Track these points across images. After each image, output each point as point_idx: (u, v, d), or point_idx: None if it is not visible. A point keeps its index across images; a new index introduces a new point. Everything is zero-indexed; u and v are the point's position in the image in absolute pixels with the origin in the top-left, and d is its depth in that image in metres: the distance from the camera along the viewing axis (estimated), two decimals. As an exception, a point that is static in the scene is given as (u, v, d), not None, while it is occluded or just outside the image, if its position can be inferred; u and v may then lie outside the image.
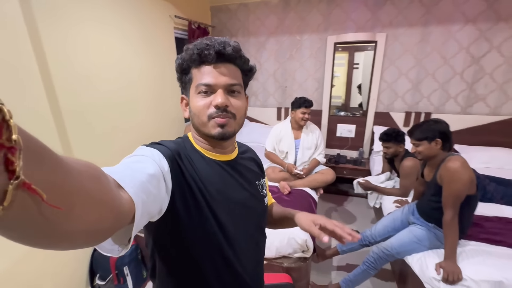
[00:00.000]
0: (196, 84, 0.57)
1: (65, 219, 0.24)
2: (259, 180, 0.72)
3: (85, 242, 0.29)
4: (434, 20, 2.41)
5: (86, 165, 0.28)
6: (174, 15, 2.37)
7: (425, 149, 1.34)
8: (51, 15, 1.34)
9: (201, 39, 0.57)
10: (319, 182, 2.11)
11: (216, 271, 0.60)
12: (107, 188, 0.30)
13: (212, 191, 0.57)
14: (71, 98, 1.47)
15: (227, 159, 0.64)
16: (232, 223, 0.60)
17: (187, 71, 0.59)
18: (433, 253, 1.35)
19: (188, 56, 0.56)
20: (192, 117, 0.60)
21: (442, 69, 2.51)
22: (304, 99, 2.10)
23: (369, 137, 2.92)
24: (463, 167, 1.21)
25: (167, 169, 0.50)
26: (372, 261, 1.50)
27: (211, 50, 0.54)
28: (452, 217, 1.22)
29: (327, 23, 2.71)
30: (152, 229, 0.57)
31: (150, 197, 0.41)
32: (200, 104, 0.57)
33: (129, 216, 0.35)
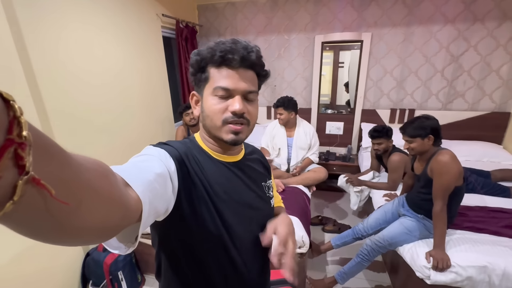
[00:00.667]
0: (214, 86, 0.55)
1: (73, 215, 0.24)
2: (266, 181, 0.72)
3: (93, 239, 0.29)
4: (416, 20, 2.51)
5: (95, 162, 0.28)
6: (161, 14, 2.32)
7: (418, 145, 1.39)
8: (33, 13, 1.28)
9: (224, 39, 0.56)
10: (312, 180, 2.15)
11: (221, 271, 0.60)
12: (114, 186, 0.31)
13: (219, 192, 0.57)
14: (57, 99, 1.42)
15: (234, 160, 0.64)
16: (238, 224, 0.60)
17: (204, 69, 0.57)
18: (423, 243, 1.42)
19: (210, 55, 0.55)
20: (204, 118, 0.59)
21: (424, 67, 2.63)
22: (278, 100, 2.14)
23: (357, 134, 3.00)
24: (453, 160, 1.28)
25: (174, 169, 0.50)
26: (365, 253, 1.55)
27: (236, 55, 0.53)
28: (442, 208, 1.29)
29: (315, 23, 2.76)
30: (158, 228, 0.57)
31: (157, 196, 0.42)
32: (216, 108, 0.55)
33: (136, 215, 0.35)
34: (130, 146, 1.93)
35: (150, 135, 2.26)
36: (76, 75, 1.53)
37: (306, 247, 1.50)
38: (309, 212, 1.86)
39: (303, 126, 2.26)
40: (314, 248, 1.83)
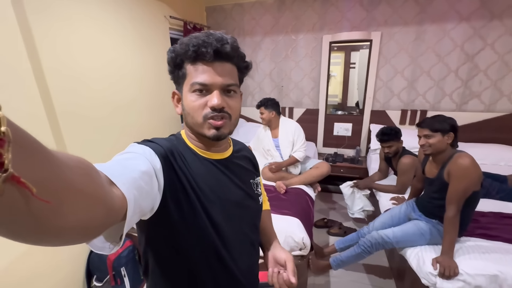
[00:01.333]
0: (191, 82, 0.54)
1: (54, 214, 0.23)
2: (254, 178, 0.71)
3: (75, 238, 0.28)
4: (429, 18, 2.43)
5: (77, 160, 0.28)
6: (169, 16, 2.36)
7: (438, 141, 1.30)
8: (45, 15, 1.33)
9: (197, 33, 0.54)
10: (315, 177, 2.11)
11: (210, 269, 0.59)
12: (98, 184, 0.30)
13: (206, 190, 0.56)
14: (66, 97, 1.46)
15: (221, 158, 0.63)
16: (226, 222, 0.59)
17: (180, 66, 0.56)
18: (431, 248, 1.36)
19: (183, 51, 0.54)
20: (186, 116, 0.58)
21: (437, 67, 2.53)
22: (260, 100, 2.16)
23: (365, 135, 2.93)
24: (474, 165, 1.21)
25: (159, 167, 0.49)
26: (368, 245, 1.51)
27: (209, 48, 0.51)
28: (455, 214, 1.23)
29: (322, 22, 2.72)
30: (144, 227, 0.56)
31: (142, 194, 0.41)
32: (195, 104, 0.55)
33: (121, 213, 0.35)
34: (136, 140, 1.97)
35: (157, 134, 2.29)
36: (84, 75, 1.57)
37: (307, 249, 1.47)
38: (312, 214, 1.83)
39: (285, 124, 2.21)
40: (317, 251, 1.80)
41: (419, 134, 1.39)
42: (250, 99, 3.27)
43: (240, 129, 3.21)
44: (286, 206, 1.67)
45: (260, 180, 0.77)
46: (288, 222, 1.51)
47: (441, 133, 1.29)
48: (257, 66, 3.09)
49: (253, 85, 3.19)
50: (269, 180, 2.12)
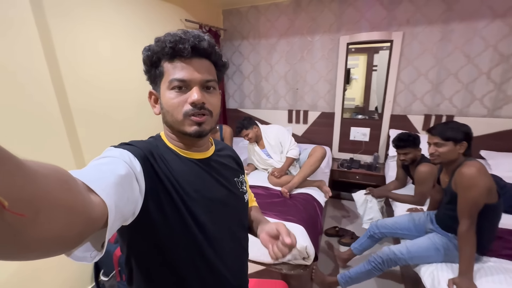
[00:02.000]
0: (169, 79, 0.54)
1: (30, 226, 0.22)
2: (238, 177, 0.71)
3: (54, 250, 0.27)
4: (457, 16, 2.25)
5: (52, 168, 0.27)
6: (184, 19, 2.42)
7: (448, 151, 1.21)
8: (63, 19, 1.41)
9: (173, 31, 0.54)
10: (312, 165, 2.02)
11: (196, 272, 0.57)
12: (75, 191, 0.29)
13: (189, 190, 0.55)
14: (81, 98, 1.53)
15: (203, 157, 0.62)
16: (212, 222, 0.58)
17: (157, 64, 0.55)
18: (447, 268, 1.23)
19: (160, 49, 0.53)
20: (165, 114, 0.57)
21: (466, 69, 2.33)
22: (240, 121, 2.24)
23: (384, 141, 2.77)
24: (480, 173, 1.09)
25: (140, 170, 0.48)
26: (379, 261, 1.40)
27: (186, 44, 0.51)
28: (468, 228, 1.11)
29: (340, 23, 2.63)
30: (126, 233, 0.54)
31: (123, 199, 0.40)
32: (174, 102, 0.54)
33: (101, 221, 0.33)
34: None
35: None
36: (98, 77, 1.64)
37: (310, 259, 1.40)
38: (320, 222, 1.75)
39: (266, 132, 2.29)
40: (338, 256, 1.74)
41: (429, 141, 1.29)
42: (264, 102, 3.24)
43: (253, 132, 3.19)
44: (291, 212, 1.61)
45: (246, 179, 0.77)
46: (291, 229, 1.43)
47: (453, 142, 1.20)
48: (272, 68, 3.05)
49: (267, 87, 3.16)
50: (276, 185, 2.07)
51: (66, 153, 1.46)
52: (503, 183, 1.72)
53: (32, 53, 1.27)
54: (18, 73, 1.21)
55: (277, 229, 0.61)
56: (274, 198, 1.85)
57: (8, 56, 1.17)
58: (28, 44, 1.25)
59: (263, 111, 3.24)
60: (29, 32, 1.24)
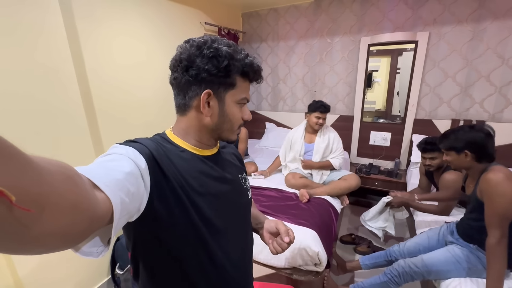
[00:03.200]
0: (241, 96, 0.61)
1: (36, 221, 0.23)
2: (242, 173, 0.73)
3: (59, 245, 0.28)
4: (489, 15, 2.10)
5: (58, 165, 0.27)
6: (204, 22, 2.47)
7: (454, 159, 1.19)
8: (89, 22, 1.49)
9: (243, 51, 0.60)
10: (342, 189, 1.96)
11: (200, 266, 0.58)
12: (81, 188, 0.29)
13: (194, 186, 0.56)
14: (105, 100, 1.61)
15: (209, 154, 0.64)
16: (217, 217, 0.59)
17: (228, 75, 0.57)
18: (472, 283, 1.13)
19: (240, 65, 0.58)
20: (224, 121, 0.61)
21: (499, 71, 2.16)
22: (321, 103, 2.03)
23: (407, 147, 2.64)
24: (508, 179, 1.00)
25: (145, 166, 0.48)
26: (395, 274, 1.32)
27: (258, 75, 0.62)
28: (499, 240, 1.02)
29: (361, 24, 2.56)
30: (131, 230, 0.55)
31: (128, 196, 0.40)
32: (239, 116, 0.63)
33: (106, 217, 0.34)
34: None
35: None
36: (121, 79, 1.71)
37: (322, 266, 1.35)
38: (335, 228, 1.69)
39: (326, 132, 2.15)
40: (339, 263, 1.66)
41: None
42: (281, 104, 3.22)
43: (270, 134, 3.18)
44: (304, 217, 1.57)
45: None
46: (303, 233, 1.41)
47: (454, 152, 1.18)
48: (290, 70, 3.03)
49: (285, 89, 3.14)
50: (292, 187, 2.04)
51: (88, 151, 1.53)
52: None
53: (61, 55, 1.35)
54: (49, 73, 1.30)
55: (276, 227, 0.70)
56: (287, 201, 1.82)
57: (39, 57, 1.25)
58: (57, 46, 1.33)
59: (280, 113, 3.22)
60: (58, 34, 1.33)
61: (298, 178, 2.03)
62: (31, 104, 1.24)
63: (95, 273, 1.67)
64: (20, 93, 1.19)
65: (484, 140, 1.11)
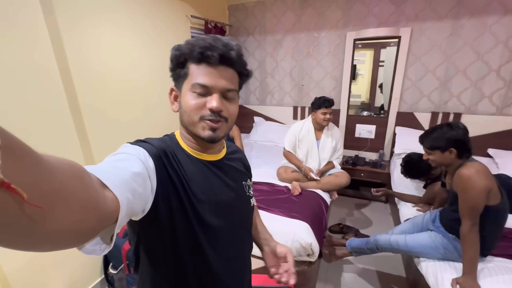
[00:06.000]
0: (192, 82, 0.55)
1: (47, 218, 0.23)
2: (246, 180, 0.72)
3: (67, 243, 0.28)
4: (467, 12, 2.20)
5: (68, 163, 0.28)
6: (190, 15, 2.41)
7: (438, 158, 1.25)
8: (72, 18, 1.42)
9: (204, 36, 0.55)
10: (333, 185, 2.03)
11: (196, 271, 0.59)
12: (90, 187, 0.30)
13: (197, 192, 0.56)
14: (89, 95, 1.55)
15: (214, 159, 0.63)
16: (217, 224, 0.59)
17: (183, 65, 0.56)
18: (450, 267, 1.24)
19: (188, 51, 0.54)
20: (182, 114, 0.58)
21: (475, 65, 2.29)
22: (324, 99, 2.03)
23: (390, 139, 2.76)
24: (479, 174, 1.09)
25: (153, 167, 0.49)
26: (374, 246, 1.53)
27: (215, 52, 0.52)
28: (469, 228, 1.12)
29: (347, 19, 2.60)
30: (135, 226, 0.56)
31: (135, 196, 0.41)
32: (193, 103, 0.55)
33: (114, 215, 0.35)
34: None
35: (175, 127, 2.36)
36: (106, 74, 1.65)
37: (315, 256, 1.42)
38: (325, 220, 1.76)
39: (331, 129, 2.17)
40: (330, 252, 1.74)
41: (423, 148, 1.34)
42: (269, 98, 3.24)
43: (258, 128, 3.20)
44: (296, 210, 1.62)
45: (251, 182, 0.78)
46: (297, 226, 1.47)
47: (439, 151, 1.23)
48: (277, 64, 3.04)
49: (273, 83, 3.15)
50: (283, 181, 2.09)
51: (75, 147, 1.49)
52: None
53: (43, 52, 1.29)
54: (31, 71, 1.24)
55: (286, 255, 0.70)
56: (279, 194, 1.86)
57: (21, 55, 1.19)
58: (38, 43, 1.26)
59: (268, 107, 3.24)
60: (39, 31, 1.26)
61: (290, 172, 2.08)
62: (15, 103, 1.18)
63: (87, 273, 1.65)
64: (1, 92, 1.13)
65: (464, 136, 1.19)
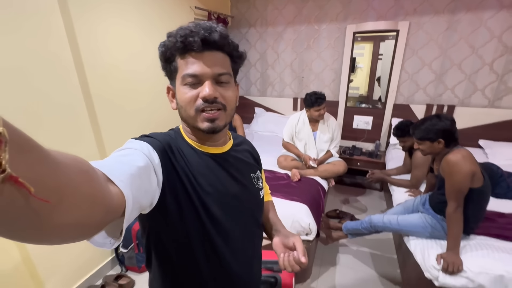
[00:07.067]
0: (181, 74, 0.53)
1: (53, 212, 0.24)
2: (255, 172, 0.70)
3: (75, 236, 0.29)
4: (463, 7, 2.27)
5: (74, 158, 0.28)
6: (194, 6, 2.46)
7: (428, 147, 1.36)
8: (83, 7, 1.47)
9: (185, 25, 0.52)
10: (330, 173, 2.14)
11: (208, 264, 0.59)
12: (96, 181, 0.30)
13: (204, 184, 0.56)
14: (99, 86, 1.62)
15: (219, 152, 0.62)
16: (225, 217, 0.59)
17: (171, 60, 0.54)
18: (437, 245, 1.35)
19: (172, 44, 0.52)
20: (179, 109, 0.57)
21: (470, 59, 2.38)
22: (316, 97, 2.05)
23: (386, 130, 2.86)
24: (464, 160, 1.20)
25: (158, 162, 0.49)
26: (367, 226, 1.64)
27: (196, 37, 0.50)
28: (454, 209, 1.23)
29: (347, 12, 2.66)
30: (145, 220, 0.56)
31: (140, 190, 0.41)
32: (187, 96, 0.53)
33: (119, 210, 0.35)
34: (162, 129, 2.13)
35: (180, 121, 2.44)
36: (113, 65, 1.70)
37: (313, 235, 1.53)
38: (322, 204, 1.87)
39: (328, 120, 2.24)
40: (327, 234, 1.86)
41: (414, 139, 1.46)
42: (270, 90, 3.31)
43: (259, 119, 3.28)
44: (296, 193, 1.73)
45: (262, 175, 0.77)
46: (296, 207, 1.58)
47: (429, 141, 1.34)
48: (278, 56, 3.10)
49: (273, 75, 3.22)
50: (284, 168, 2.19)
51: (88, 136, 1.57)
52: (500, 172, 1.82)
53: (60, 40, 1.35)
54: (48, 59, 1.31)
55: (294, 243, 0.62)
56: (279, 180, 1.97)
57: (38, 43, 1.26)
58: (54, 31, 1.33)
59: (269, 98, 3.32)
60: (55, 20, 1.32)
61: (289, 161, 2.18)
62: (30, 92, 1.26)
63: (100, 252, 1.76)
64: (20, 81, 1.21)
65: (451, 127, 1.29)
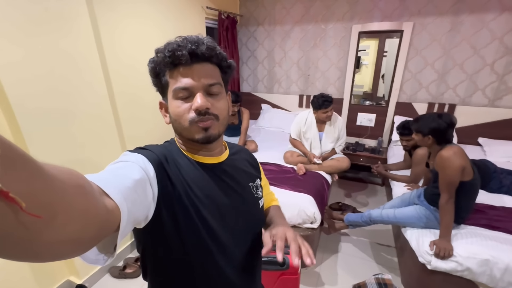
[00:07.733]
0: (172, 88, 0.54)
1: (46, 228, 0.23)
2: (254, 181, 0.69)
3: (67, 253, 0.28)
4: (467, 8, 2.34)
5: (68, 172, 0.28)
6: (206, 6, 2.56)
7: (419, 140, 1.50)
8: (106, 8, 1.59)
9: (173, 40, 0.54)
10: (334, 169, 2.26)
11: (206, 276, 0.58)
12: (91, 196, 0.30)
13: (200, 196, 0.55)
14: (120, 82, 1.75)
15: (215, 162, 0.62)
16: (223, 228, 0.57)
17: (161, 75, 0.55)
18: (430, 233, 1.48)
19: (161, 59, 0.53)
20: (173, 123, 0.57)
21: (472, 60, 2.46)
22: (324, 99, 2.11)
23: (389, 127, 2.96)
24: (455, 155, 1.32)
25: (153, 174, 0.49)
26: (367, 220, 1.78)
27: (184, 51, 0.51)
28: (447, 200, 1.35)
29: (353, 12, 2.74)
30: (140, 234, 0.56)
31: (136, 203, 0.41)
32: (180, 110, 0.54)
33: (114, 224, 0.34)
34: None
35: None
36: (129, 63, 1.81)
37: (317, 223, 1.67)
38: (326, 196, 2.01)
39: (335, 121, 2.31)
40: (330, 225, 1.99)
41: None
42: (277, 86, 3.42)
43: (266, 115, 3.40)
44: (302, 185, 1.87)
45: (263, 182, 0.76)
46: (302, 198, 1.71)
47: (421, 134, 1.48)
48: (285, 54, 3.20)
49: (280, 72, 3.32)
50: (290, 163, 2.32)
51: (112, 132, 1.71)
52: (494, 168, 1.93)
53: (87, 41, 1.48)
54: (77, 58, 1.44)
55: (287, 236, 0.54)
56: (286, 174, 2.11)
57: (68, 44, 1.39)
58: (82, 33, 1.46)
59: (275, 95, 3.43)
60: (83, 23, 1.45)
61: (295, 156, 2.31)
62: (63, 90, 1.40)
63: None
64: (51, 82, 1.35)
65: (445, 129, 1.39)
